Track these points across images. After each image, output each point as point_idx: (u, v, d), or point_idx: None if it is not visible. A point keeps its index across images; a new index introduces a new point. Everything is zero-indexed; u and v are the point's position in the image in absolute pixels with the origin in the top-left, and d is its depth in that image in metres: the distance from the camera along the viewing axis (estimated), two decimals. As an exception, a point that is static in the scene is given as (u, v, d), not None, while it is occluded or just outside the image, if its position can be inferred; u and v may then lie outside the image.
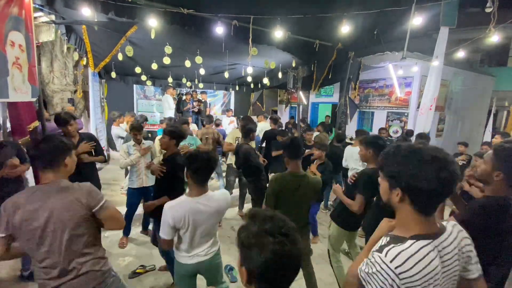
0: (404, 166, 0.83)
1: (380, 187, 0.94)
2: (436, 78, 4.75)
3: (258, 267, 0.68)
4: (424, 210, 0.85)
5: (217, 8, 3.63)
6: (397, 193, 0.86)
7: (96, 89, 6.21)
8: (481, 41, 4.44)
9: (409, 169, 0.81)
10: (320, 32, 4.56)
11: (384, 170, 0.90)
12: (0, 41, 2.10)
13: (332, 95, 8.98)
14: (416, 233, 0.85)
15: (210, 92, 9.51)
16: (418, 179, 0.80)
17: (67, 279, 1.32)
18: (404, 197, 0.85)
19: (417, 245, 0.81)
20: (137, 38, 4.21)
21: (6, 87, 2.20)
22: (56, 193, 1.29)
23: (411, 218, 0.86)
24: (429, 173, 0.79)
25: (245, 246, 0.71)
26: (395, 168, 0.85)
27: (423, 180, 0.79)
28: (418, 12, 3.79)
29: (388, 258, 0.80)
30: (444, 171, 0.78)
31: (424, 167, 0.80)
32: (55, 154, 1.34)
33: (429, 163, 0.79)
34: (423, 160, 0.80)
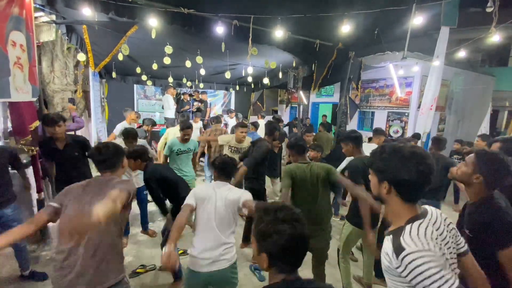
0: (389, 162, 0.98)
1: (371, 183, 1.08)
2: (436, 78, 4.75)
3: (278, 250, 0.83)
4: (409, 198, 0.99)
5: (217, 8, 3.63)
6: (385, 186, 1.00)
7: (97, 89, 6.21)
8: (482, 41, 4.43)
9: (393, 164, 0.97)
10: (320, 32, 4.56)
11: (372, 166, 1.06)
12: (1, 41, 2.10)
13: (332, 95, 8.98)
14: (408, 218, 0.98)
15: (211, 92, 9.51)
16: (401, 172, 0.95)
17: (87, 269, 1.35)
18: (390, 189, 0.99)
19: (414, 226, 0.95)
20: (138, 38, 4.22)
21: (8, 87, 2.21)
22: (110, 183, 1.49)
23: (400, 207, 1.01)
24: (410, 166, 0.94)
25: (265, 235, 0.85)
26: (381, 164, 1.01)
27: (405, 172, 0.94)
28: (419, 12, 3.79)
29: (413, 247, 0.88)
30: (422, 164, 0.93)
31: (405, 162, 0.95)
32: (116, 158, 1.61)
33: (409, 158, 0.94)
34: (404, 156, 0.95)
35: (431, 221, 0.99)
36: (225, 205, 1.77)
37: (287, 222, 0.84)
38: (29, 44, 2.55)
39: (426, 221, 0.97)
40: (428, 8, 3.93)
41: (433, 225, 0.98)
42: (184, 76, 7.47)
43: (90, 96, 5.87)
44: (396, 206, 1.02)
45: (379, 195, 1.05)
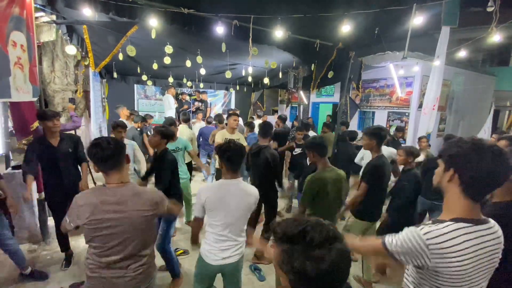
0: (464, 149, 0.91)
1: (436, 172, 1.01)
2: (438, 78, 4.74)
3: (314, 279, 0.63)
4: (472, 194, 0.91)
5: (218, 8, 3.63)
6: (450, 174, 0.93)
7: (97, 88, 6.21)
8: (483, 41, 4.42)
9: (468, 151, 0.89)
10: (320, 32, 4.55)
11: (443, 152, 0.98)
12: (2, 41, 2.10)
13: (332, 95, 8.97)
14: (457, 216, 0.91)
15: (211, 92, 9.51)
16: (474, 163, 0.88)
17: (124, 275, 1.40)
18: (454, 176, 0.92)
19: (452, 226, 0.89)
20: (138, 38, 4.22)
21: (8, 87, 2.21)
22: (132, 197, 1.39)
23: (457, 201, 0.93)
24: (485, 160, 0.86)
25: (300, 271, 0.64)
26: (456, 150, 0.93)
27: (478, 164, 0.87)
28: (419, 12, 3.77)
29: (422, 231, 0.90)
30: (500, 161, 0.86)
31: (482, 153, 0.87)
32: (118, 155, 1.39)
33: (487, 151, 0.87)
34: (482, 148, 0.88)
35: (481, 232, 0.90)
36: (240, 212, 1.75)
37: (324, 245, 0.63)
38: (30, 44, 2.56)
39: (473, 229, 0.89)
40: (429, 7, 3.92)
41: (483, 237, 0.90)
42: (185, 76, 7.48)
43: (90, 96, 5.88)
44: (453, 198, 0.94)
45: (439, 184, 0.99)
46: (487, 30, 3.77)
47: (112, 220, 1.33)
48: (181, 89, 8.67)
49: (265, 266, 3.04)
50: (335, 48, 5.09)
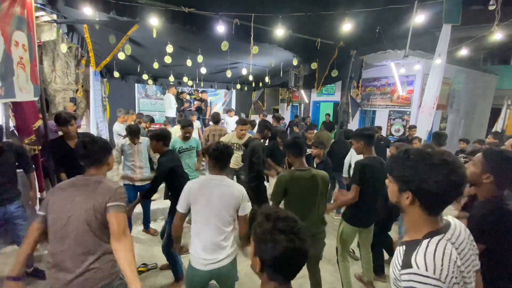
0: (415, 170, 0.86)
1: (389, 189, 0.98)
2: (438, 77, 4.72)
3: (271, 259, 0.81)
4: (434, 211, 0.89)
5: (218, 7, 3.62)
6: (407, 196, 0.89)
7: (98, 88, 6.22)
8: (484, 39, 4.40)
9: (419, 173, 0.85)
10: (321, 30, 4.54)
11: (393, 173, 0.94)
12: (6, 42, 2.11)
13: (333, 94, 8.96)
14: (427, 232, 0.89)
15: (212, 91, 9.51)
16: (429, 183, 0.83)
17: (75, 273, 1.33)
18: (414, 200, 0.88)
19: (433, 242, 0.85)
20: (139, 37, 4.22)
21: (12, 87, 2.21)
22: (92, 183, 1.42)
23: (422, 219, 0.90)
24: (439, 176, 0.82)
25: (261, 240, 0.82)
26: (405, 172, 0.88)
27: (433, 183, 0.82)
28: (421, 10, 3.76)
29: (422, 269, 0.81)
30: (453, 174, 0.82)
31: (434, 171, 0.83)
32: (101, 153, 1.50)
33: (438, 166, 0.83)
34: (433, 164, 0.84)
35: (453, 237, 0.89)
36: (223, 205, 1.72)
37: (286, 234, 0.80)
38: (30, 43, 2.56)
39: (446, 238, 0.87)
40: (430, 6, 3.91)
41: (454, 243, 0.88)
42: (185, 75, 7.47)
43: (90, 95, 5.89)
44: (416, 218, 0.91)
45: (397, 203, 0.95)
46: (489, 29, 3.76)
47: (62, 200, 1.37)
48: (181, 88, 8.67)
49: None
50: (336, 47, 5.08)
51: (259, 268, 0.85)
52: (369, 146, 2.35)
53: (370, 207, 2.36)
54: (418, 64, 6.10)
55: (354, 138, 2.39)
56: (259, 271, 0.86)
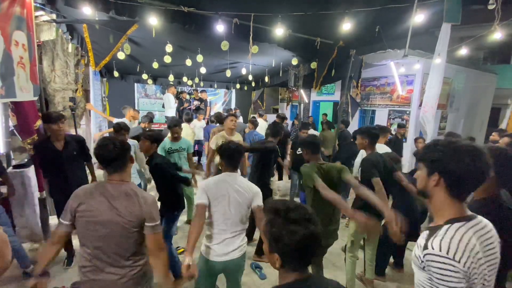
0: (443, 152, 0.94)
1: (418, 176, 1.05)
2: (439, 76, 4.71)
3: (290, 252, 0.82)
4: (458, 194, 0.95)
5: (218, 6, 3.61)
6: (434, 178, 0.96)
7: (98, 87, 6.21)
8: (484, 39, 4.40)
9: (447, 155, 0.93)
10: (321, 30, 4.54)
11: (424, 157, 1.02)
12: (6, 41, 2.11)
13: (333, 93, 8.95)
14: (449, 218, 0.95)
15: (211, 91, 9.50)
16: (456, 163, 0.91)
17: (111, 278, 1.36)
18: (439, 180, 0.95)
19: (453, 228, 0.91)
20: (138, 36, 4.21)
21: (13, 86, 2.22)
22: (125, 195, 1.38)
23: (445, 202, 0.97)
24: (466, 160, 0.90)
25: (277, 237, 0.83)
26: (436, 154, 0.96)
27: (460, 164, 0.90)
28: (420, 9, 3.76)
29: (436, 250, 0.88)
30: (478, 160, 0.90)
31: (462, 155, 0.91)
32: (123, 157, 1.41)
33: (465, 151, 0.91)
34: (461, 149, 0.92)
35: (475, 227, 0.93)
36: (239, 201, 1.80)
37: (299, 222, 0.82)
38: (30, 43, 2.56)
39: (467, 226, 0.92)
40: (430, 5, 3.90)
41: (477, 232, 0.93)
42: (185, 75, 7.47)
43: (90, 95, 5.88)
44: (441, 201, 0.97)
45: (424, 188, 1.02)
46: (489, 28, 3.75)
47: (97, 211, 1.33)
48: (181, 87, 8.67)
49: (266, 264, 3.04)
50: (336, 46, 5.07)
51: (279, 264, 0.86)
52: (372, 144, 2.47)
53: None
54: (417, 64, 6.10)
55: (360, 134, 2.51)
56: (280, 267, 0.87)
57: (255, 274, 2.92)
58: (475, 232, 0.92)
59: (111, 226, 1.33)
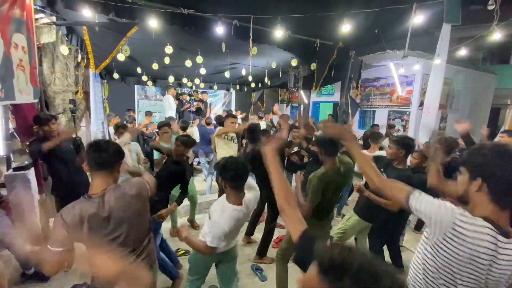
0: (489, 158, 0.92)
1: (460, 181, 1.03)
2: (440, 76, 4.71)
3: None
4: (500, 200, 0.91)
5: (217, 8, 3.62)
6: (477, 183, 0.94)
7: (98, 89, 6.21)
8: (483, 39, 4.40)
9: (493, 160, 0.91)
10: (320, 31, 4.54)
11: (468, 161, 0.99)
12: (6, 44, 2.11)
13: (333, 94, 8.96)
14: (487, 216, 0.92)
15: (211, 92, 9.51)
16: (501, 168, 0.88)
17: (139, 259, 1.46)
18: (482, 185, 0.92)
19: (482, 222, 0.90)
20: (138, 38, 4.21)
21: (12, 89, 2.22)
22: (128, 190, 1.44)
23: (486, 208, 0.93)
24: (509, 164, 0.87)
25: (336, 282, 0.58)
26: (480, 159, 0.94)
27: (505, 169, 0.88)
28: (419, 10, 3.77)
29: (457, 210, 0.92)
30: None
31: (506, 159, 0.89)
32: (116, 158, 1.42)
33: (509, 156, 0.89)
34: (506, 154, 0.89)
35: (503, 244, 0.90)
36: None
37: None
38: (30, 45, 2.56)
39: (494, 233, 0.89)
40: (429, 6, 3.91)
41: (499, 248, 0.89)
42: (185, 76, 7.48)
43: (91, 97, 5.88)
44: (480, 207, 0.94)
45: (465, 193, 0.99)
46: (488, 28, 3.76)
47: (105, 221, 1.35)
48: (181, 89, 8.67)
49: (266, 266, 3.04)
50: (336, 47, 5.08)
51: None
52: (406, 157, 2.35)
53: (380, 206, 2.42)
54: (417, 64, 6.10)
55: (397, 145, 2.31)
56: None
57: (256, 276, 2.91)
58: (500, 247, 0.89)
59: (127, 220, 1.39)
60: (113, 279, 0.93)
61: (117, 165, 1.42)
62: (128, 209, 1.38)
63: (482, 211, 0.94)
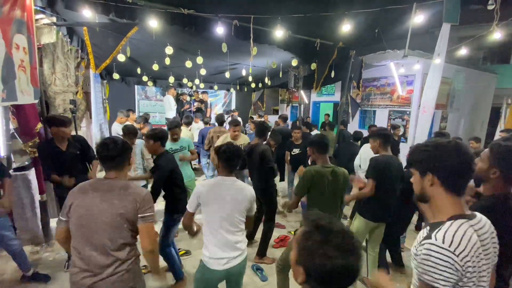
0: (430, 152, 0.99)
1: (413, 181, 1.06)
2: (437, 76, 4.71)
3: (319, 275, 0.74)
4: (454, 188, 0.97)
5: (218, 8, 3.62)
6: (428, 178, 0.98)
7: (98, 90, 6.22)
8: (483, 39, 4.40)
9: (434, 153, 0.97)
10: (321, 31, 4.54)
11: (413, 160, 1.05)
12: (7, 45, 2.11)
13: (333, 94, 8.96)
14: (451, 215, 0.95)
15: (211, 92, 9.51)
16: (444, 159, 0.95)
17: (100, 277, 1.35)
18: (434, 179, 0.97)
19: (456, 224, 0.92)
20: (138, 39, 4.22)
21: (14, 90, 2.22)
22: (118, 189, 1.41)
23: (445, 200, 0.98)
24: (452, 154, 0.94)
25: (308, 252, 0.76)
26: (423, 154, 1.00)
27: (447, 158, 0.94)
28: (420, 10, 3.76)
29: (439, 241, 0.88)
30: (463, 153, 0.94)
31: (446, 151, 0.95)
32: (124, 155, 1.48)
33: (449, 146, 0.96)
34: (444, 146, 0.97)
35: (476, 226, 0.96)
36: (236, 208, 1.75)
37: (338, 249, 0.72)
38: (30, 46, 2.56)
39: (468, 223, 0.94)
40: (429, 6, 3.91)
41: (477, 230, 0.94)
42: (185, 76, 7.48)
43: (91, 97, 5.89)
44: (441, 200, 0.98)
45: (422, 191, 1.02)
46: (488, 28, 3.75)
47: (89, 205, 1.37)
48: (181, 89, 8.68)
49: (267, 266, 3.04)
50: (336, 47, 5.08)
51: (301, 280, 0.78)
52: (385, 146, 2.45)
53: (386, 203, 2.46)
54: (417, 64, 6.10)
55: (372, 137, 2.52)
56: (302, 282, 0.78)
57: (257, 276, 2.91)
58: (476, 230, 0.94)
59: (102, 218, 1.35)
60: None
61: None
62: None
63: (444, 206, 0.98)
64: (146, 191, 1.48)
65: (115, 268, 1.37)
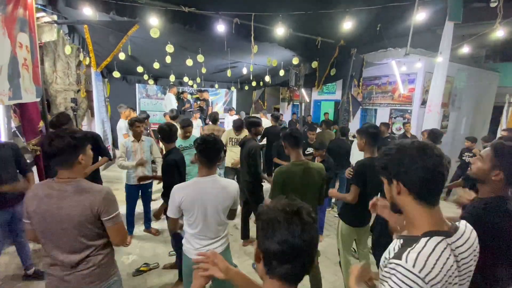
0: (391, 156, 0.89)
1: (385, 190, 0.96)
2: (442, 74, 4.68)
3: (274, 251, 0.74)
4: (423, 197, 0.85)
5: (218, 6, 3.61)
6: (395, 185, 0.89)
7: (100, 88, 6.23)
8: (486, 37, 4.37)
9: (394, 156, 0.88)
10: (322, 29, 4.53)
11: (379, 167, 0.95)
12: (12, 44, 2.12)
13: (334, 92, 8.93)
14: (427, 230, 0.84)
15: (212, 91, 9.51)
16: (404, 163, 0.85)
17: (71, 271, 1.33)
18: (399, 186, 0.87)
19: (431, 243, 0.81)
20: (139, 37, 4.21)
21: (19, 88, 2.23)
22: (72, 195, 1.29)
23: (417, 210, 0.87)
24: (413, 157, 0.84)
25: (263, 224, 0.76)
26: (384, 159, 0.91)
27: (409, 163, 0.84)
28: (422, 8, 3.74)
29: (409, 264, 0.78)
30: (429, 157, 0.83)
31: (407, 152, 0.85)
32: (68, 152, 1.29)
33: (410, 149, 0.85)
34: (405, 147, 0.87)
35: (455, 244, 0.85)
36: (219, 209, 1.71)
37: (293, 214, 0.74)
38: (32, 44, 2.57)
39: (445, 242, 0.82)
40: (431, 3, 3.88)
41: (454, 250, 0.84)
42: (186, 75, 7.48)
43: (93, 95, 5.90)
44: (412, 210, 0.87)
45: (393, 201, 0.92)
46: (491, 26, 3.73)
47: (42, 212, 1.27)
48: (182, 88, 8.68)
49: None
50: (337, 46, 5.06)
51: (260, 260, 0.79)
52: (372, 145, 2.26)
53: (366, 208, 2.33)
54: (419, 62, 6.06)
55: (358, 134, 2.33)
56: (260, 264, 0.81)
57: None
58: (453, 249, 0.84)
59: (62, 226, 1.28)
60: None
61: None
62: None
63: (416, 218, 0.87)
64: (105, 191, 1.35)
65: (85, 264, 1.34)
